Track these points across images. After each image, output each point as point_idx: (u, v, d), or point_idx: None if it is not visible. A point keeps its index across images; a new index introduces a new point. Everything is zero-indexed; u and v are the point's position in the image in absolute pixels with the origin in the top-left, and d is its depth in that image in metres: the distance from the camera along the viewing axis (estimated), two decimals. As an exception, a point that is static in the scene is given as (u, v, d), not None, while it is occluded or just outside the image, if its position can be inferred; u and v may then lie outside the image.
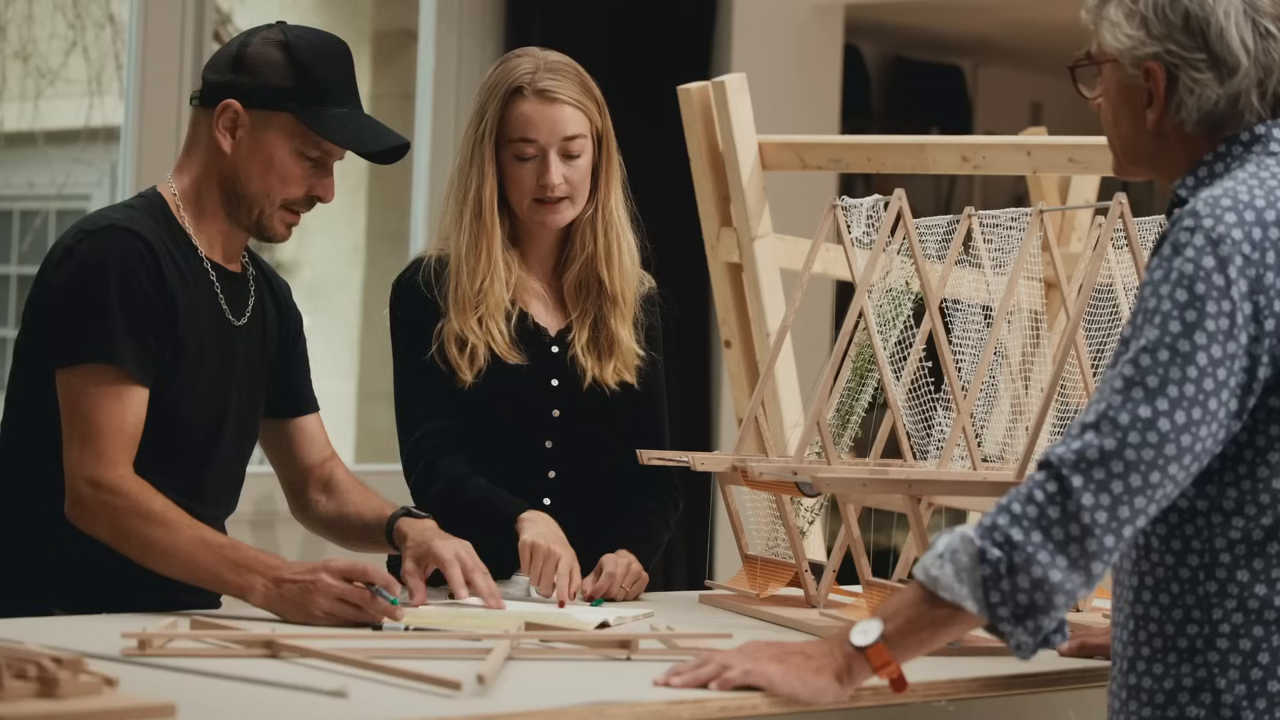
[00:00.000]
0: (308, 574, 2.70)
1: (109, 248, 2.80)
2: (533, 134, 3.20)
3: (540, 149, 3.20)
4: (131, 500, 2.75)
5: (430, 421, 3.21)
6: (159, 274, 2.82)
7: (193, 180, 2.92)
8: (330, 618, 2.67)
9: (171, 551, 2.74)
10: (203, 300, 2.90)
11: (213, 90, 2.89)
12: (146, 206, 2.90)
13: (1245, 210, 2.20)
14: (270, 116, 2.87)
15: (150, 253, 2.82)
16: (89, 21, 6.06)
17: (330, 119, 2.87)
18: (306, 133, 2.87)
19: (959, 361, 2.99)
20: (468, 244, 3.22)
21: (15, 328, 6.31)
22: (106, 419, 2.77)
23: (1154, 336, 2.17)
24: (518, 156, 3.21)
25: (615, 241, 3.27)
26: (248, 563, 2.73)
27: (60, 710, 1.89)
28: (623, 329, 3.27)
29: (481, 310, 3.20)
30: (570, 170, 3.21)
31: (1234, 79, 2.28)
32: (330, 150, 2.90)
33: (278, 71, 2.87)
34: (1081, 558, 2.16)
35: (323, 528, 3.15)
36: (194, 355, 2.87)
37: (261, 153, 2.87)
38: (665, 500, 3.34)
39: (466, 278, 3.20)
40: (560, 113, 3.20)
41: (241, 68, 2.88)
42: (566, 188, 3.21)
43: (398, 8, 6.94)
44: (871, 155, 4.47)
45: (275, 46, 2.88)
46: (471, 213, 3.22)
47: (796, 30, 6.83)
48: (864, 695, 2.31)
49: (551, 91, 3.20)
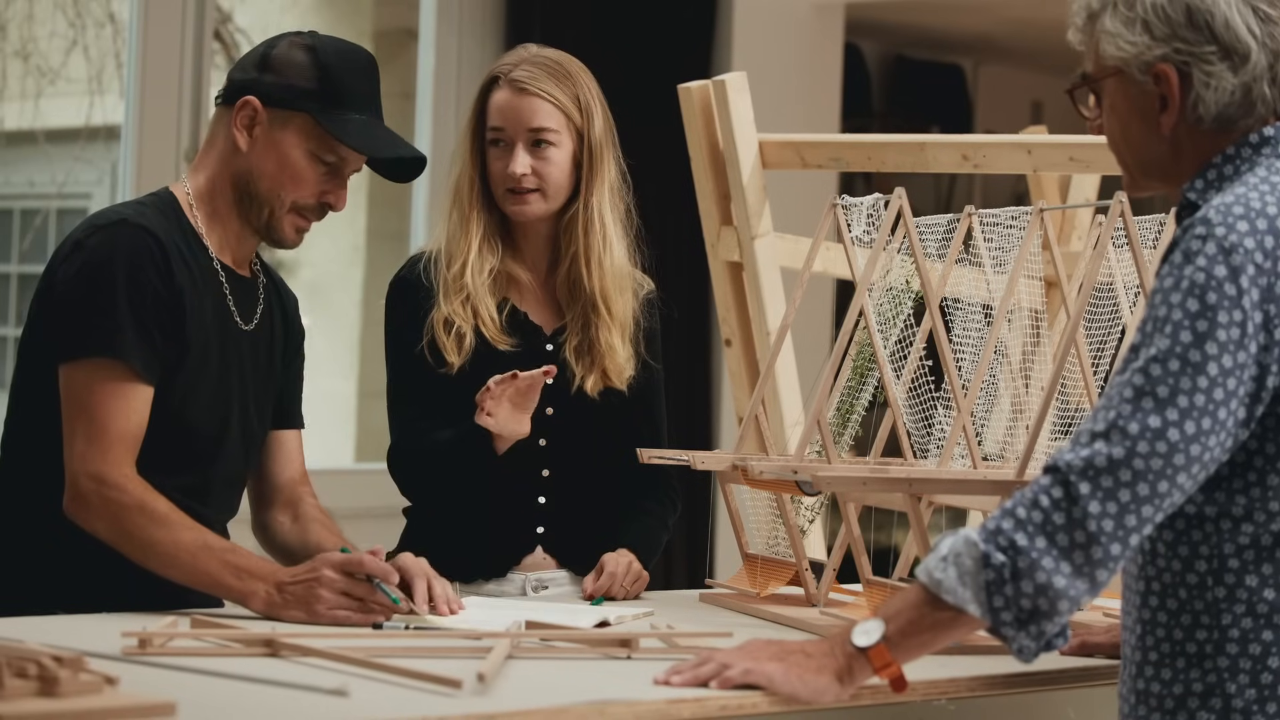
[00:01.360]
0: (308, 573, 2.70)
1: (118, 242, 2.79)
2: (501, 123, 3.23)
3: (509, 138, 3.23)
4: (136, 499, 2.74)
5: (419, 422, 3.22)
6: (168, 271, 2.81)
7: (208, 179, 2.92)
8: (334, 616, 2.67)
9: (174, 553, 2.73)
10: (211, 301, 2.89)
11: (235, 88, 2.89)
12: (158, 204, 2.90)
13: (1258, 218, 2.19)
14: (289, 116, 2.87)
15: (160, 249, 2.81)
16: (89, 20, 6.07)
17: (347, 123, 2.86)
18: (323, 135, 2.86)
19: (959, 360, 2.99)
20: (451, 231, 3.26)
21: (16, 326, 6.32)
22: (112, 416, 2.76)
23: (1165, 346, 2.16)
24: (492, 146, 3.25)
25: (597, 242, 3.27)
26: (249, 568, 2.73)
27: (61, 709, 1.89)
28: (611, 336, 3.26)
29: (465, 294, 3.21)
30: (540, 163, 3.22)
31: (1247, 66, 2.26)
32: (345, 157, 2.89)
33: (300, 72, 2.87)
34: (1086, 564, 2.15)
35: (280, 552, 3.07)
36: (199, 356, 2.86)
37: (276, 151, 2.87)
38: (663, 501, 3.34)
39: (448, 264, 3.24)
40: (529, 104, 3.22)
41: (266, 67, 2.88)
42: (534, 180, 3.22)
43: (398, 7, 6.94)
44: (872, 154, 4.47)
45: (301, 49, 2.89)
46: (453, 201, 3.28)
47: (797, 29, 6.83)
48: (864, 694, 2.31)
49: (522, 83, 3.22)
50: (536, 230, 3.29)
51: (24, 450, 2.90)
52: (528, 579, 3.23)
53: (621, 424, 3.28)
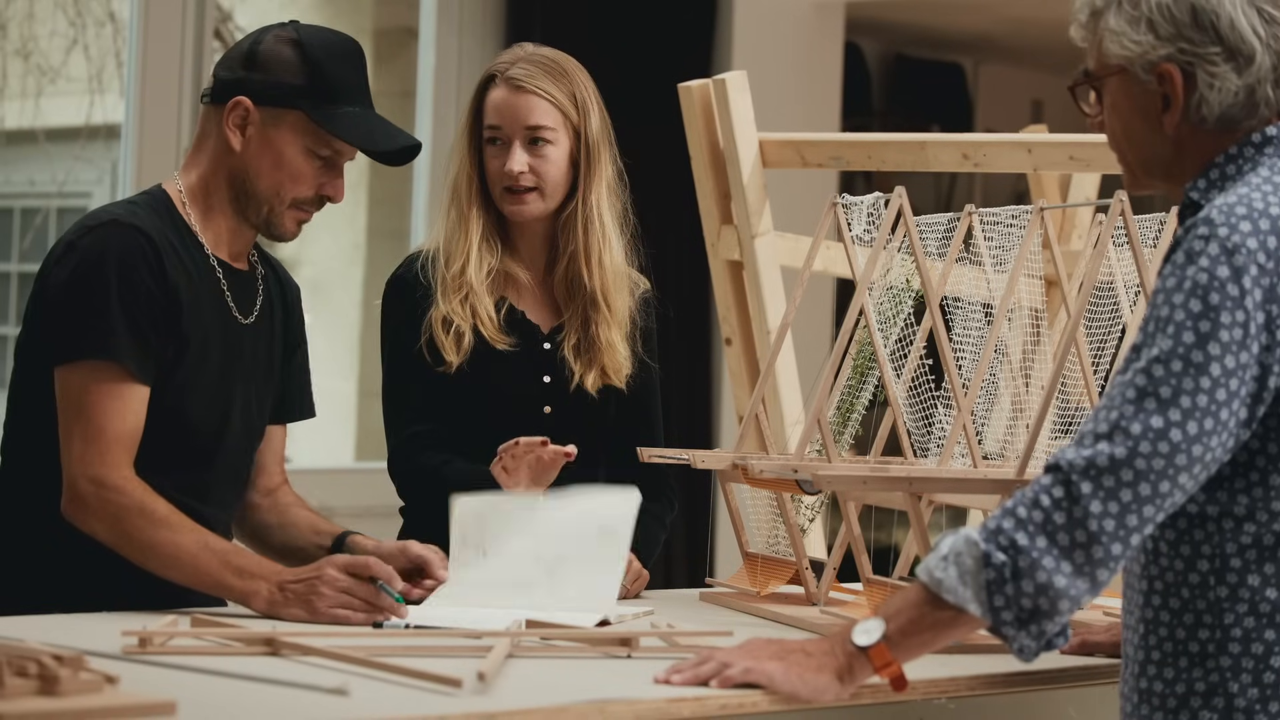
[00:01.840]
0: (311, 572, 2.70)
1: (109, 242, 2.79)
2: (498, 121, 3.24)
3: (506, 137, 3.23)
4: (135, 500, 2.74)
5: (416, 424, 3.22)
6: (161, 269, 2.80)
7: (200, 177, 2.91)
8: (335, 615, 2.67)
9: (175, 554, 2.73)
10: (208, 297, 2.89)
11: (224, 87, 2.88)
12: (150, 203, 2.89)
13: (1260, 219, 2.19)
14: (281, 114, 2.86)
15: (152, 248, 2.80)
16: (90, 19, 6.07)
17: (341, 117, 2.86)
18: (317, 131, 2.86)
19: (959, 359, 2.99)
20: (449, 230, 3.26)
21: (16, 325, 6.31)
22: (109, 417, 2.75)
23: (1167, 346, 2.16)
24: (489, 144, 3.25)
25: (597, 240, 3.27)
26: (251, 568, 2.72)
27: (61, 708, 1.89)
28: (611, 334, 3.26)
29: (465, 293, 3.21)
30: (538, 162, 3.22)
31: (1251, 67, 2.26)
32: (341, 150, 2.89)
33: (290, 69, 2.86)
34: (1087, 564, 2.15)
35: (253, 536, 3.06)
36: (198, 352, 2.86)
37: (271, 150, 2.87)
38: (661, 500, 3.33)
39: (446, 263, 3.24)
40: (526, 102, 3.22)
41: (253, 65, 2.87)
42: (532, 178, 3.22)
43: (398, 5, 6.94)
44: (872, 153, 4.47)
45: (288, 44, 2.87)
46: (451, 200, 3.28)
47: (797, 28, 6.83)
48: (864, 693, 2.31)
49: (519, 80, 3.23)
50: (534, 229, 3.29)
51: (23, 451, 2.90)
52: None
53: (619, 423, 3.28)
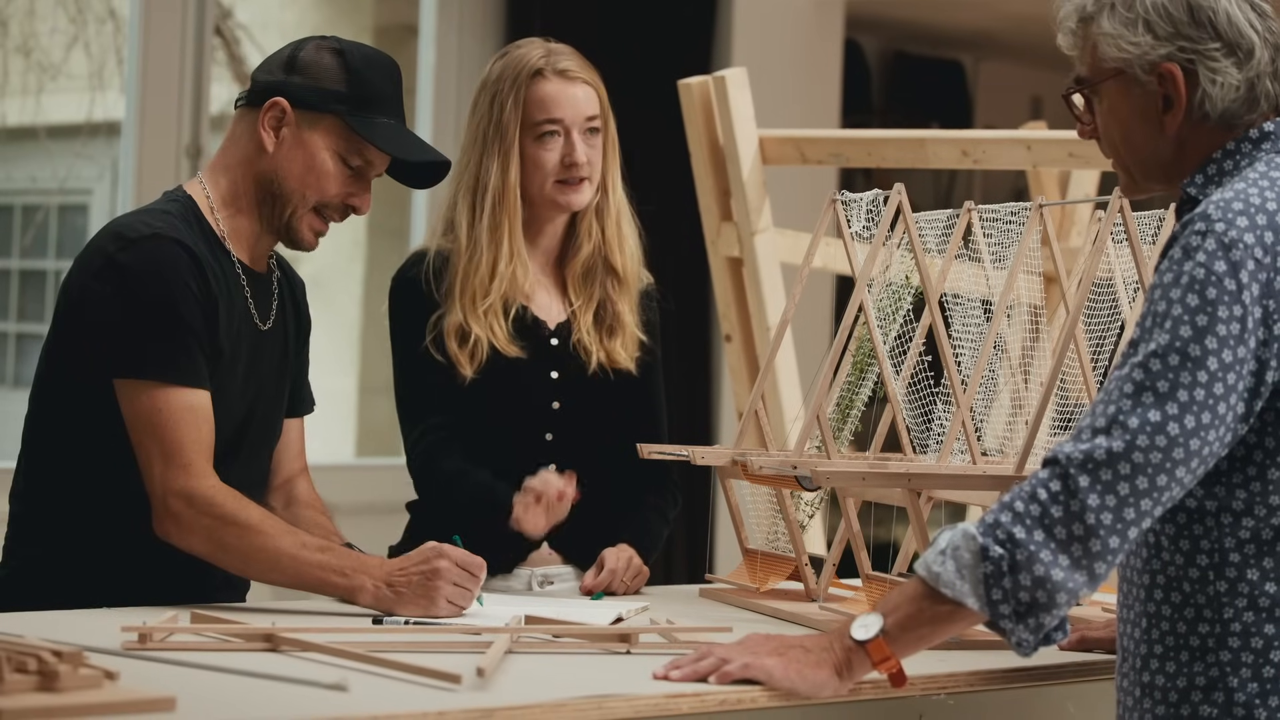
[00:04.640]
0: (422, 564, 2.73)
1: (159, 259, 2.78)
2: (558, 113, 3.22)
3: (565, 128, 3.22)
4: (229, 511, 2.75)
5: (430, 418, 3.21)
6: (204, 281, 2.82)
7: (230, 181, 2.92)
8: (452, 609, 2.72)
9: (275, 560, 2.75)
10: (236, 305, 2.90)
11: (262, 90, 2.89)
12: (180, 211, 2.88)
13: (1257, 214, 2.19)
14: (318, 118, 2.87)
15: (194, 261, 2.81)
16: (90, 16, 6.07)
17: (376, 126, 2.87)
18: (351, 136, 2.87)
19: (958, 356, 2.99)
20: (488, 232, 3.22)
21: (17, 321, 6.31)
22: (184, 430, 2.76)
23: (1164, 341, 2.17)
24: (540, 138, 3.22)
25: (626, 225, 3.29)
26: (353, 564, 2.76)
27: (60, 703, 1.90)
28: (628, 311, 3.28)
29: (491, 300, 3.20)
30: (592, 151, 3.24)
31: (1251, 61, 2.27)
32: (372, 160, 2.90)
33: (330, 75, 2.87)
34: (1084, 557, 2.16)
35: None
36: (228, 360, 2.87)
37: (303, 151, 2.87)
38: (665, 495, 3.34)
39: (485, 266, 3.20)
40: (581, 91, 3.23)
41: (294, 69, 2.88)
42: (589, 167, 3.22)
43: (398, 3, 6.94)
44: (872, 150, 4.48)
45: (329, 52, 2.89)
46: (493, 200, 3.22)
47: (797, 25, 6.83)
48: (863, 689, 2.32)
49: (572, 71, 3.23)
50: (559, 219, 3.29)
51: (46, 450, 2.89)
52: (534, 574, 3.23)
53: (625, 416, 3.29)
